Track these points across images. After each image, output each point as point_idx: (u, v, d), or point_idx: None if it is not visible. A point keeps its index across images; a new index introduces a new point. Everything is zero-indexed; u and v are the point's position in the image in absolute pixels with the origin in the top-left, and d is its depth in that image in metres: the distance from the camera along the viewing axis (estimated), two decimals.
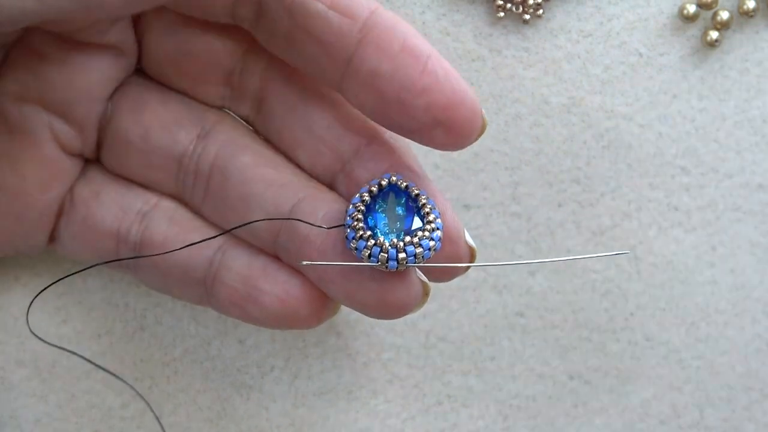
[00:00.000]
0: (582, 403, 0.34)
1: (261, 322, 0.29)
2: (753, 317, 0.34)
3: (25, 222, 0.29)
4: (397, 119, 0.26)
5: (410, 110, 0.26)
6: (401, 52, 0.26)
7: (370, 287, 0.27)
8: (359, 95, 0.26)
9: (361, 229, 0.26)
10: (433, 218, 0.26)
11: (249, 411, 0.33)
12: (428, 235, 0.26)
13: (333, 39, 0.26)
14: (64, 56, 0.28)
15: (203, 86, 0.29)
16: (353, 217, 0.26)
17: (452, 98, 0.26)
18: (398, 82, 0.26)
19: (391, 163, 0.28)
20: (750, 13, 0.33)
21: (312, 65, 0.27)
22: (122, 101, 0.29)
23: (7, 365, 0.33)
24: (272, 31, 0.27)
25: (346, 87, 0.27)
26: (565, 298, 0.34)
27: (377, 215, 0.27)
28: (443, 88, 0.26)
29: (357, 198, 0.27)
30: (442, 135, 0.26)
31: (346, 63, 0.26)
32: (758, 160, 0.34)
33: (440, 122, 0.26)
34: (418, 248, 0.26)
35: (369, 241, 0.26)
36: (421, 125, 0.26)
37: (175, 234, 0.29)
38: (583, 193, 0.34)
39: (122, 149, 0.29)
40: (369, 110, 0.27)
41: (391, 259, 0.26)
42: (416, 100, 0.26)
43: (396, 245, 0.26)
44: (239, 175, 0.29)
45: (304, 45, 0.26)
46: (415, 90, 0.26)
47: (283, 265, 0.29)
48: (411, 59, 0.26)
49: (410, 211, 0.27)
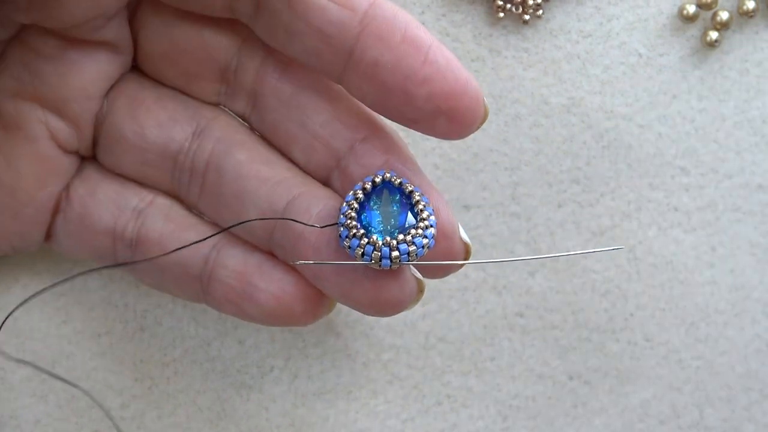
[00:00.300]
0: (582, 403, 0.34)
1: (257, 319, 0.29)
2: (752, 317, 0.34)
3: (21, 219, 0.29)
4: (400, 109, 0.26)
5: (413, 100, 0.26)
6: (402, 42, 0.26)
7: (365, 285, 0.27)
8: (361, 87, 0.26)
9: (354, 227, 0.26)
10: (426, 215, 0.26)
11: (249, 411, 0.33)
12: (422, 232, 0.26)
13: (333, 31, 0.26)
14: (60, 53, 0.28)
15: (198, 82, 0.29)
16: (346, 215, 0.26)
17: (454, 87, 0.26)
18: (400, 72, 0.26)
19: (386, 159, 0.27)
20: (750, 13, 0.33)
21: (313, 58, 0.27)
22: (118, 99, 0.29)
23: (7, 365, 0.33)
24: (271, 25, 0.27)
25: (347, 79, 0.27)
26: (565, 299, 0.34)
27: (371, 213, 0.27)
28: (445, 77, 0.26)
29: (350, 195, 0.27)
30: (445, 124, 0.26)
31: (348, 55, 0.26)
32: (758, 161, 0.34)
33: (443, 111, 0.26)
34: (411, 246, 0.26)
35: (362, 239, 0.26)
36: (424, 115, 0.26)
37: (171, 231, 0.29)
38: (583, 193, 0.34)
39: (118, 146, 0.29)
40: (371, 101, 0.27)
41: (384, 257, 0.26)
42: (418, 90, 0.26)
43: (389, 243, 0.26)
44: (234, 172, 0.29)
45: (305, 38, 0.26)
46: (417, 80, 0.26)
47: (279, 262, 0.29)
48: (412, 49, 0.26)
49: (404, 207, 0.27)
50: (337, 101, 0.28)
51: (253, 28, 0.28)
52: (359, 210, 0.26)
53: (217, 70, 0.29)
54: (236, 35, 0.29)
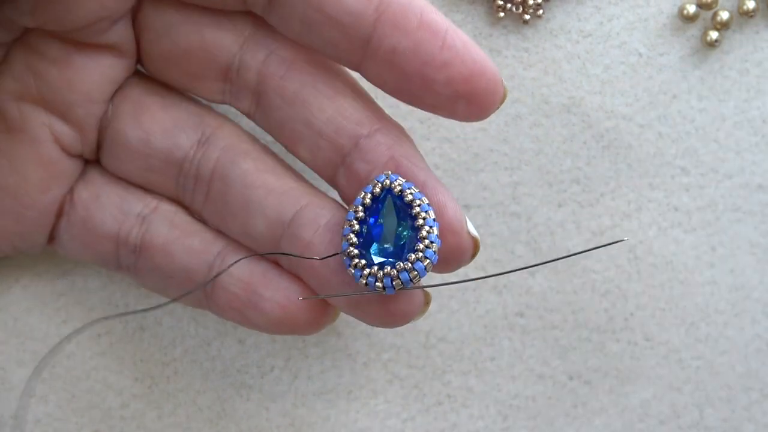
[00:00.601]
0: (582, 403, 0.34)
1: (261, 328, 0.29)
2: (752, 317, 0.34)
3: (25, 222, 0.29)
4: (420, 95, 0.26)
5: (432, 85, 0.26)
6: (419, 28, 0.26)
7: (374, 301, 0.27)
8: (380, 74, 0.27)
9: (355, 256, 0.26)
10: (426, 232, 0.26)
11: (249, 411, 0.33)
12: (421, 255, 0.26)
13: (349, 20, 0.26)
14: (64, 56, 0.28)
15: (202, 82, 0.29)
16: (348, 239, 0.26)
17: (473, 70, 0.26)
18: (419, 58, 0.26)
19: (391, 156, 0.27)
20: (750, 13, 0.33)
21: (330, 47, 0.27)
22: (123, 103, 0.29)
23: (7, 365, 0.33)
24: (286, 16, 0.27)
25: (366, 66, 0.27)
26: (565, 298, 0.34)
27: (373, 229, 0.27)
28: (464, 60, 0.26)
29: (351, 214, 0.26)
30: (465, 107, 0.26)
31: (365, 43, 0.26)
32: (758, 161, 0.34)
33: (463, 95, 0.26)
34: (413, 272, 0.26)
35: (364, 270, 0.26)
36: (444, 99, 0.26)
37: (176, 237, 0.29)
38: (583, 193, 0.34)
39: (123, 152, 0.29)
40: (391, 88, 0.27)
41: (387, 287, 0.26)
42: (438, 75, 0.26)
43: (389, 274, 0.26)
44: (240, 182, 0.29)
45: (321, 28, 0.26)
46: (436, 65, 0.26)
47: (284, 271, 0.29)
48: (429, 35, 0.26)
49: (405, 219, 0.26)
50: (341, 97, 0.28)
51: (267, 20, 0.28)
52: (360, 227, 0.26)
53: (220, 70, 0.29)
54: (237, 34, 0.29)
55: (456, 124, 0.34)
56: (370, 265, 0.26)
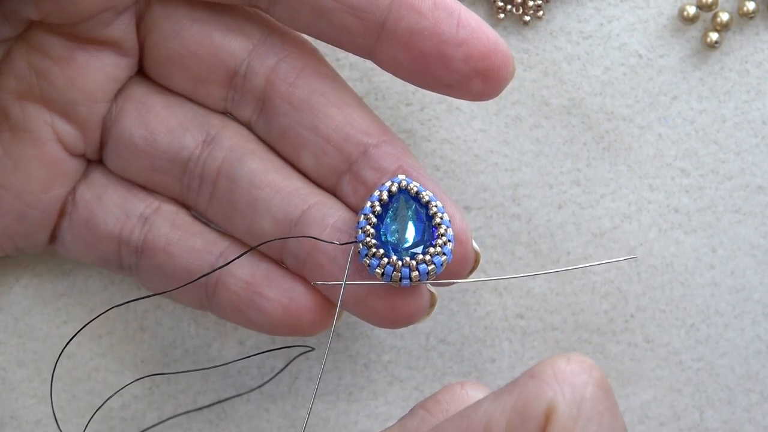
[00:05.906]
0: None
1: (263, 329, 0.29)
2: (753, 319, 0.34)
3: (26, 221, 0.29)
4: (437, 75, 0.27)
5: (451, 64, 0.27)
6: (435, 8, 0.26)
7: (380, 299, 0.27)
8: (396, 57, 0.27)
9: (373, 245, 0.26)
10: (444, 230, 0.26)
11: (249, 412, 0.34)
12: (440, 250, 0.26)
13: (365, 5, 0.26)
14: (67, 55, 0.28)
15: (206, 87, 0.29)
16: (365, 231, 0.26)
17: (488, 46, 0.27)
18: (437, 37, 0.26)
19: (401, 164, 0.28)
20: (750, 14, 0.33)
21: (342, 34, 0.27)
22: (126, 103, 0.29)
23: (7, 365, 0.33)
24: (294, 6, 0.27)
25: (380, 50, 0.27)
26: (565, 300, 0.34)
27: (387, 226, 0.27)
28: (479, 37, 0.26)
29: (368, 208, 0.27)
30: (480, 84, 0.27)
31: (380, 27, 0.26)
32: (758, 162, 0.34)
33: (479, 71, 0.27)
34: (431, 265, 0.26)
35: (382, 259, 0.26)
36: (461, 77, 0.27)
37: (178, 238, 0.30)
38: (583, 194, 0.34)
39: (126, 152, 0.29)
40: (406, 70, 0.27)
41: (404, 278, 0.26)
42: (456, 52, 0.26)
43: (408, 264, 0.26)
44: (247, 181, 0.29)
45: (334, 15, 0.27)
46: (454, 43, 0.26)
47: (287, 271, 0.29)
48: (445, 14, 0.26)
49: (420, 219, 0.27)
50: (349, 107, 0.28)
51: (271, 14, 0.28)
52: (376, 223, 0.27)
53: (226, 75, 0.29)
54: (247, 39, 0.29)
55: (456, 125, 0.34)
56: (389, 255, 0.26)
